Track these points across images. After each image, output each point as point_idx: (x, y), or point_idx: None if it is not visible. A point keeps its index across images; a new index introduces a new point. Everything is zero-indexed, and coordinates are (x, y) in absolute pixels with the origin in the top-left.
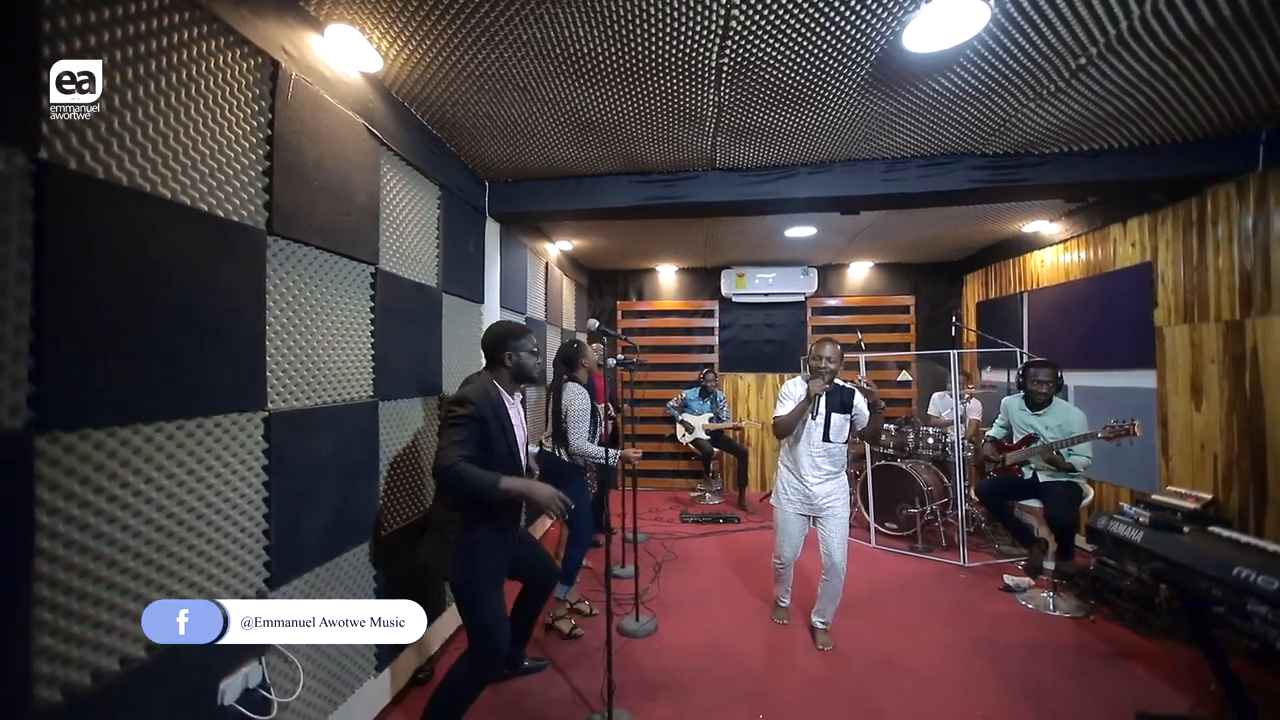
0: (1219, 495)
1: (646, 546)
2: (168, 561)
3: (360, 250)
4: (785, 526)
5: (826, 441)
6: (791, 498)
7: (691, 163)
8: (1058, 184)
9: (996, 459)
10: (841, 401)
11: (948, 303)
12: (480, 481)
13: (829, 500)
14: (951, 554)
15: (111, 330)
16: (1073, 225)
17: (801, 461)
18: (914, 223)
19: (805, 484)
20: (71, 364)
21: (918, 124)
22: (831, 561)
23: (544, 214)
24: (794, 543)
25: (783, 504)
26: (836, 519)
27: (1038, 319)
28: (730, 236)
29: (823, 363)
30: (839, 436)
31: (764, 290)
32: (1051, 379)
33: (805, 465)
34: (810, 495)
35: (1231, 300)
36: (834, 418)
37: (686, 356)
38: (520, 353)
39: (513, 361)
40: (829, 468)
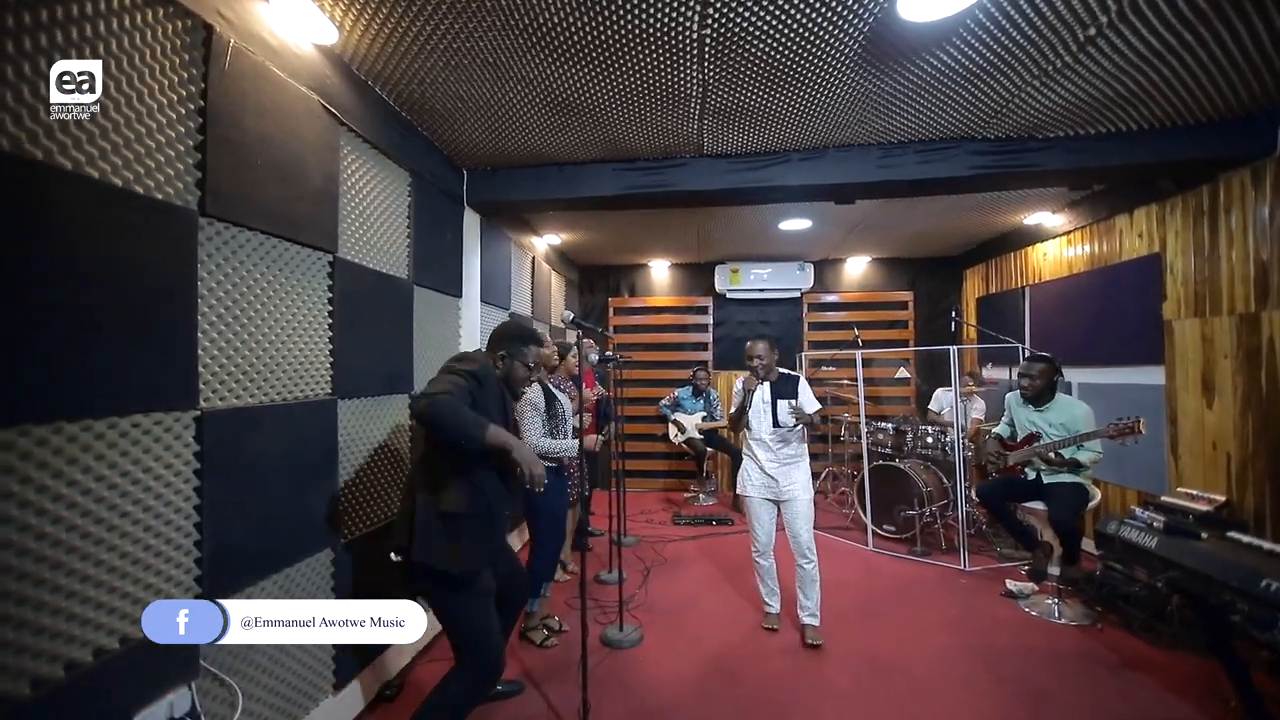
0: (1233, 497)
1: (635, 550)
2: (96, 570)
3: (315, 236)
4: (754, 511)
5: (776, 427)
6: (755, 482)
7: (678, 148)
8: (1063, 169)
9: (998, 459)
10: (785, 389)
11: (947, 298)
12: (468, 419)
13: (790, 486)
14: (951, 557)
15: (19, 321)
16: (1077, 217)
17: (756, 448)
18: (912, 214)
19: (764, 469)
20: None
21: (915, 105)
22: (798, 542)
23: (525, 204)
24: (766, 528)
25: (748, 490)
26: (799, 502)
27: (1040, 314)
28: (723, 230)
29: (752, 361)
30: (787, 422)
31: (759, 286)
32: (1042, 374)
33: (760, 451)
34: (769, 479)
35: (1246, 292)
36: (780, 404)
37: (680, 354)
38: (516, 360)
39: (504, 364)
40: (785, 451)
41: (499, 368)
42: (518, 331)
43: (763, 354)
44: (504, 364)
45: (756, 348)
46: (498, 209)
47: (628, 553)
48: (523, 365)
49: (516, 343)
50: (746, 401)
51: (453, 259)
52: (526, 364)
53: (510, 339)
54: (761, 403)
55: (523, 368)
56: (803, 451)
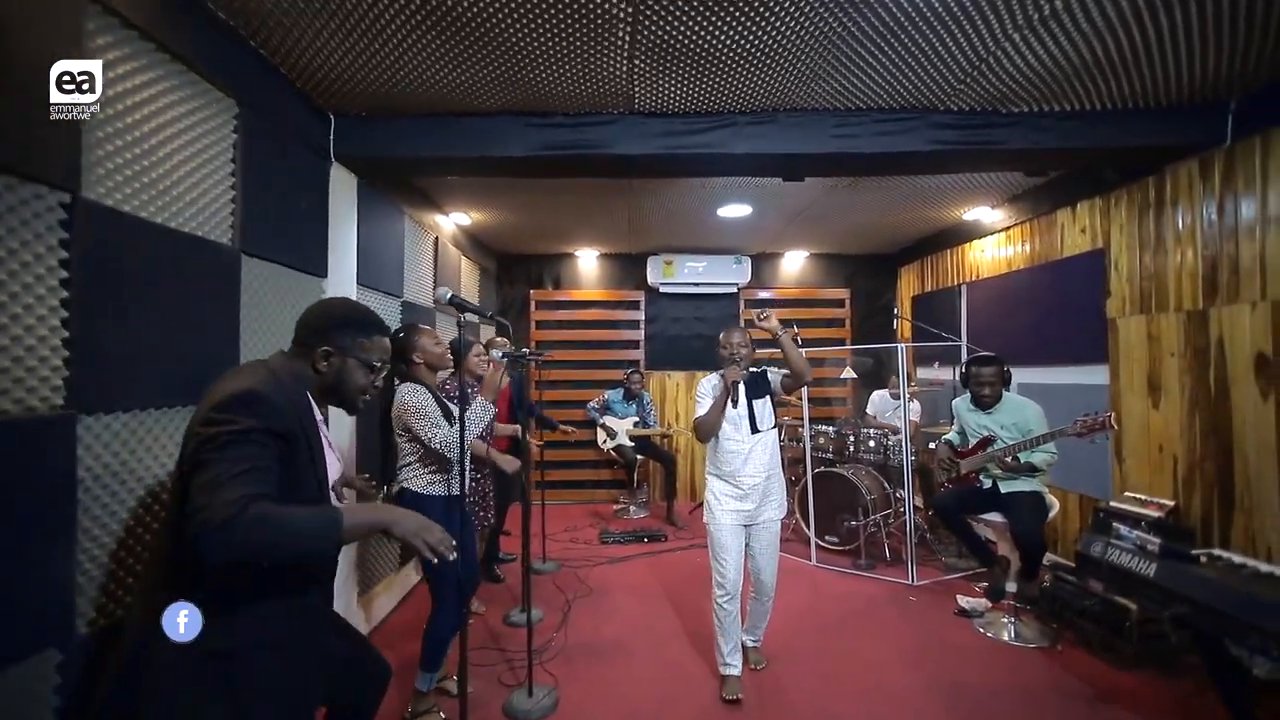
0: (1180, 501)
1: (556, 578)
2: None
3: (28, 163)
4: (724, 541)
5: (756, 432)
6: (727, 506)
7: (604, 101)
8: (1024, 150)
9: (951, 467)
10: (758, 385)
11: (883, 296)
12: (305, 527)
13: (767, 503)
14: (898, 570)
15: None
16: (1016, 212)
17: (734, 460)
18: (854, 204)
19: (741, 485)
20: None
21: (881, 58)
22: (760, 580)
23: (415, 164)
24: (736, 562)
25: (717, 516)
26: (768, 531)
27: (977, 312)
28: (657, 215)
29: (733, 349)
30: (766, 423)
31: (694, 280)
32: (997, 378)
33: (738, 463)
34: (748, 496)
35: (1194, 289)
36: (755, 404)
37: (609, 353)
38: (351, 356)
39: (330, 366)
40: (765, 459)
41: (320, 373)
42: (348, 314)
43: (742, 342)
44: (329, 367)
45: (733, 336)
46: (380, 169)
47: (545, 581)
48: (361, 366)
49: (348, 332)
50: (733, 395)
51: (314, 228)
52: (369, 363)
53: (337, 327)
54: (738, 407)
55: (361, 370)
56: (779, 459)
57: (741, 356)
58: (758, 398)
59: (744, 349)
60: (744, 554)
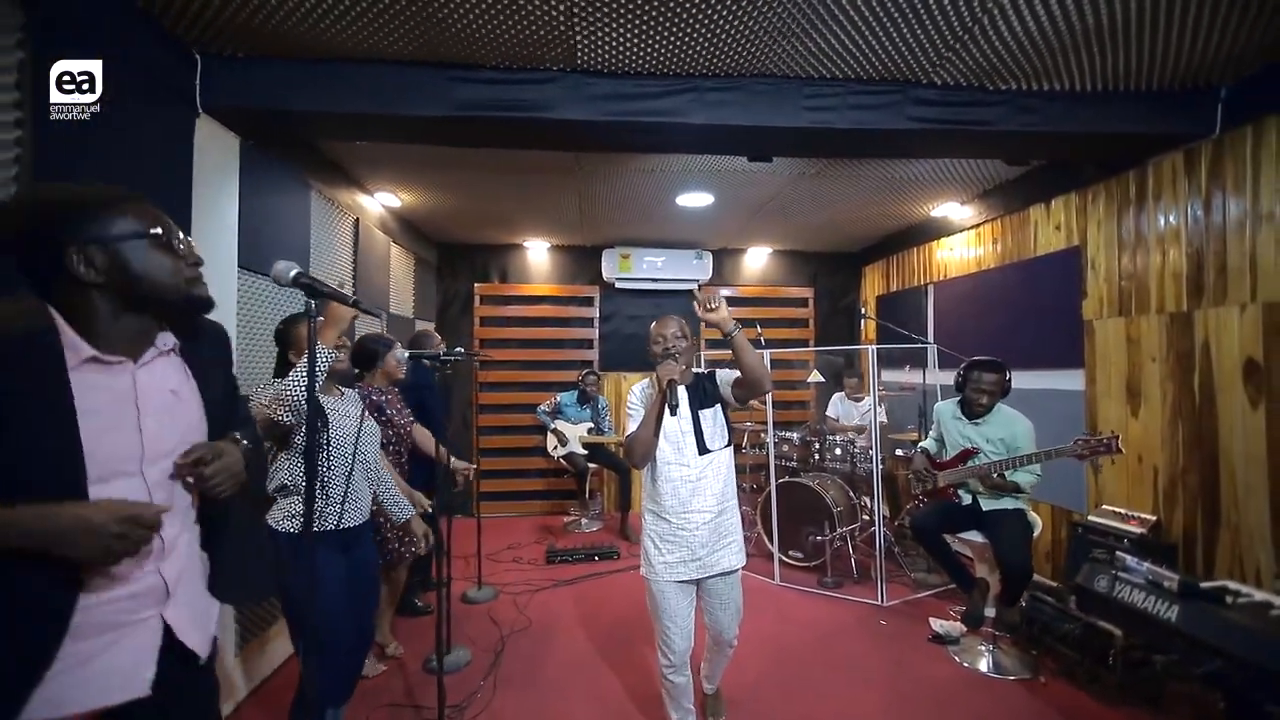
0: (1161, 516)
1: (492, 608)
2: None
3: None
4: (667, 604)
5: (706, 453)
6: (670, 556)
7: (541, 53)
8: (1010, 132)
9: (927, 478)
10: (705, 392)
11: (847, 296)
12: None
13: (722, 547)
14: (867, 589)
15: None
16: (987, 208)
17: (678, 493)
18: (820, 197)
19: (688, 528)
20: None
21: (859, 21)
22: (721, 639)
23: (306, 120)
24: (684, 626)
25: (656, 570)
26: (727, 582)
27: (945, 313)
28: (610, 201)
29: (667, 342)
30: (718, 441)
31: (652, 275)
32: (998, 386)
33: (684, 495)
34: (696, 546)
35: (1177, 289)
36: (704, 416)
37: (561, 353)
38: (118, 240)
39: (101, 264)
40: (718, 489)
41: (91, 284)
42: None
43: (677, 333)
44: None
45: (667, 327)
46: (264, 127)
47: (479, 613)
48: (145, 242)
49: (89, 212)
50: (671, 399)
51: (173, 193)
52: (147, 233)
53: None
54: (680, 422)
55: (148, 248)
56: (734, 489)
57: (679, 351)
58: (705, 408)
59: (682, 341)
60: (694, 611)
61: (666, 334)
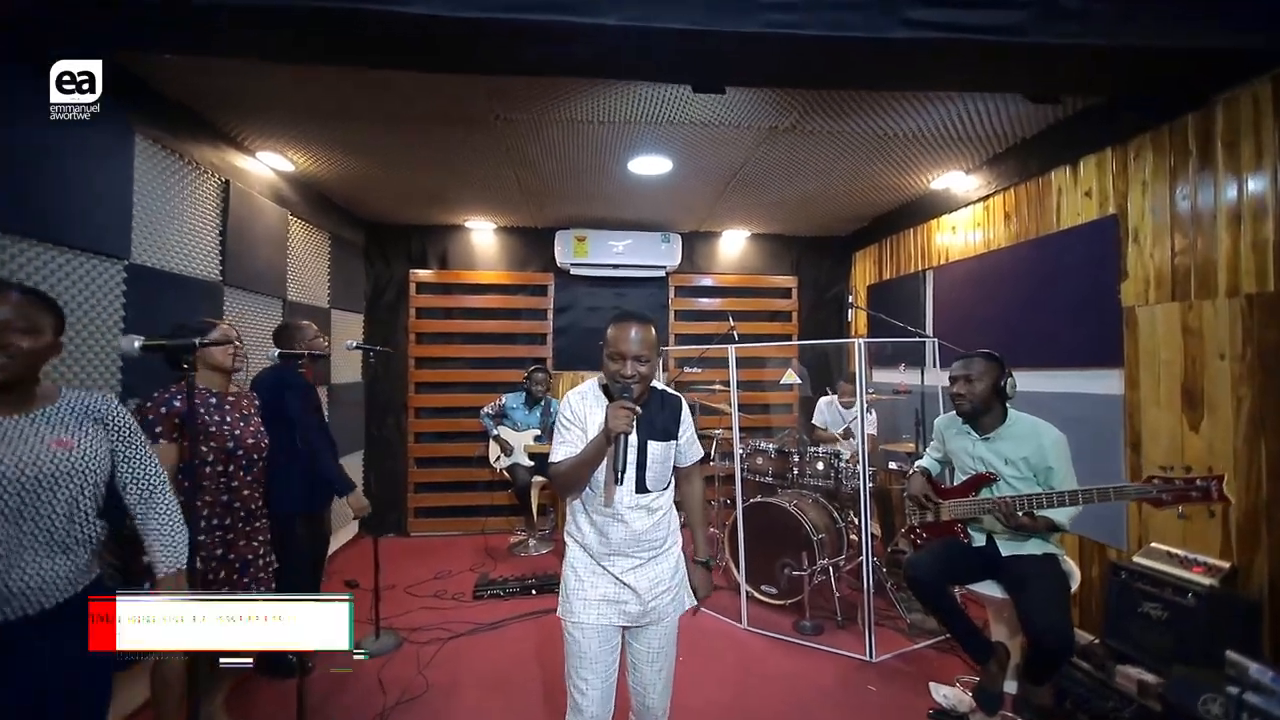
0: (1236, 561)
1: (389, 662)
2: None
3: None
4: (584, 650)
5: (644, 492)
6: (593, 593)
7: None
8: (1040, 46)
9: (927, 507)
10: (660, 424)
11: (835, 286)
12: None
13: (655, 595)
14: (851, 637)
15: None
16: (997, 176)
17: (605, 532)
18: (799, 163)
19: (614, 574)
20: None
21: None
22: (645, 705)
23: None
24: (606, 679)
25: (575, 608)
26: (661, 630)
27: (946, 302)
28: (549, 168)
29: (627, 365)
30: (660, 482)
31: (612, 261)
32: (983, 375)
33: (614, 540)
34: (624, 587)
35: (1259, 263)
36: (653, 450)
37: (509, 349)
38: None
39: None
40: (660, 534)
41: None
42: None
43: (643, 353)
44: None
45: (628, 339)
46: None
47: (369, 671)
48: None
49: None
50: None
51: None
52: None
53: None
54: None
55: None
56: (675, 528)
57: (638, 379)
58: (656, 439)
59: (645, 364)
60: (617, 663)
61: (628, 351)
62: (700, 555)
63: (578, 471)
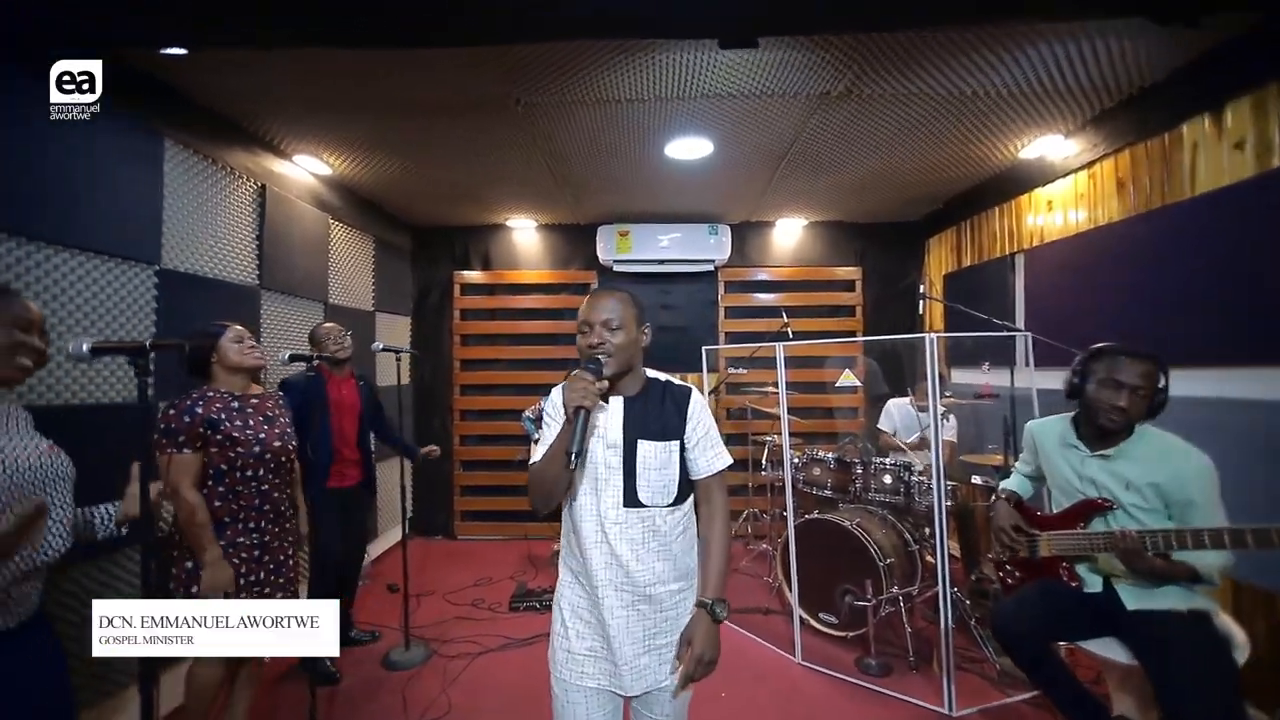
0: None
1: (415, 678)
2: None
3: None
4: (570, 714)
5: (636, 507)
6: (577, 646)
7: None
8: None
9: (1022, 541)
10: (656, 416)
11: (906, 277)
12: None
13: (654, 650)
14: (925, 681)
15: None
16: (1104, 137)
17: (589, 557)
18: (857, 135)
19: (601, 617)
20: None
21: None
22: None
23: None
24: None
25: (556, 661)
26: (662, 701)
27: (1043, 292)
28: (581, 157)
29: (594, 331)
30: (661, 495)
31: (657, 256)
32: (1148, 385)
33: (595, 564)
34: (615, 648)
35: None
36: (644, 451)
37: (552, 350)
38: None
39: None
40: (664, 566)
41: None
42: None
43: (613, 319)
44: None
45: (598, 308)
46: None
47: (393, 686)
48: None
49: None
50: (574, 443)
51: None
52: None
53: None
54: (605, 449)
55: None
56: (689, 560)
57: (611, 351)
58: (650, 438)
59: (616, 333)
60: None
61: (595, 318)
62: (709, 593)
63: (550, 467)
